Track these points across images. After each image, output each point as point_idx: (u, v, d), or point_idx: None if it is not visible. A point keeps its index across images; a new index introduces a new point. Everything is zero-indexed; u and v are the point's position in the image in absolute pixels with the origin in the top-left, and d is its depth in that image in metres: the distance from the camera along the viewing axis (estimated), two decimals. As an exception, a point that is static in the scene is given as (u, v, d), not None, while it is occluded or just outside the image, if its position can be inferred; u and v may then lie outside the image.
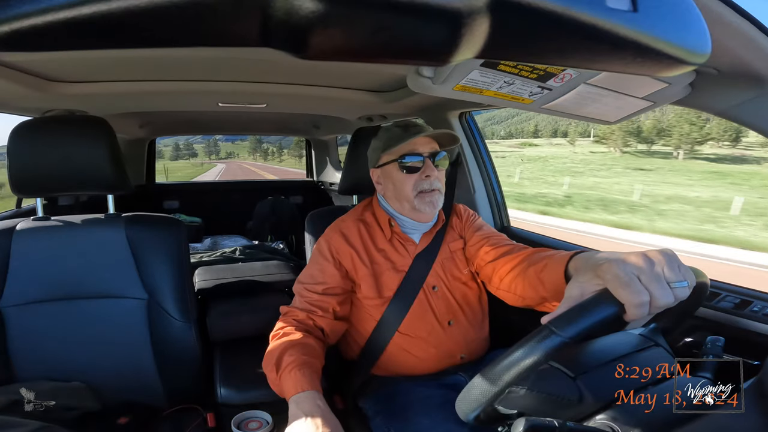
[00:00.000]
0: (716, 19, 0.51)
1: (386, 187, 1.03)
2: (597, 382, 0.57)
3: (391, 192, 1.02)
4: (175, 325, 1.07)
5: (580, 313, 0.51)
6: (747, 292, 0.89)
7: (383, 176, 1.03)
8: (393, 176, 0.99)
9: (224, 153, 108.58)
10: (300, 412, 0.73)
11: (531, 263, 0.85)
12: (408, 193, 0.97)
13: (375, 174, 1.06)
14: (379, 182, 1.06)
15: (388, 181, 1.02)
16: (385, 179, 1.03)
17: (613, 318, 0.52)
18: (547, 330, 0.50)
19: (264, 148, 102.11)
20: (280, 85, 1.34)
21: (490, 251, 1.00)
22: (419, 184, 0.96)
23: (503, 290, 0.94)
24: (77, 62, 1.05)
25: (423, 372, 1.01)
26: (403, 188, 0.97)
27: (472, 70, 0.66)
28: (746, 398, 0.50)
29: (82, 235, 1.04)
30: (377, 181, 1.06)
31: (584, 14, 0.23)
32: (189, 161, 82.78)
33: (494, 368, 0.52)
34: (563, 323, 0.50)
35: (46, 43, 0.20)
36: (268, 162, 77.91)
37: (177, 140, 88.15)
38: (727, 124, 44.93)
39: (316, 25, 0.20)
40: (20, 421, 0.77)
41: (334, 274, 0.99)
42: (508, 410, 0.57)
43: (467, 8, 0.21)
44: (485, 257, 1.01)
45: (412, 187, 0.96)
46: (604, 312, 0.51)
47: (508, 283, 0.92)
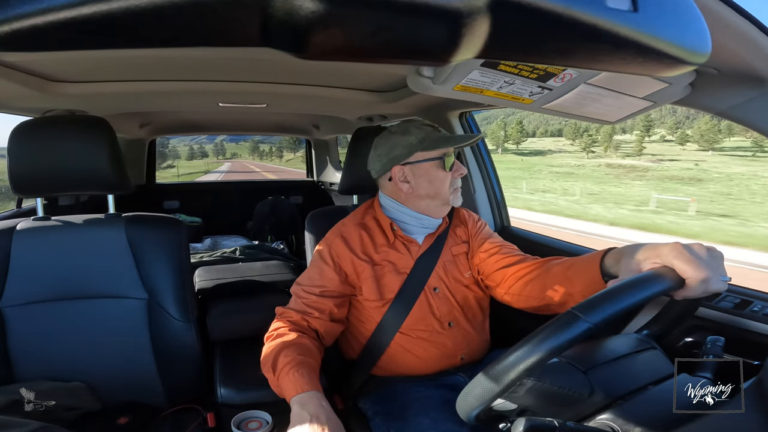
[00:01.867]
0: (716, 19, 0.51)
1: (418, 185, 1.00)
2: (607, 377, 0.57)
3: (425, 190, 1.00)
4: (176, 325, 1.07)
5: (647, 280, 0.57)
6: (747, 292, 0.89)
7: (414, 173, 1.00)
8: (431, 174, 0.99)
9: (229, 153, 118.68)
10: (304, 413, 0.73)
11: (553, 265, 0.90)
12: (446, 190, 1.01)
13: (400, 171, 1.01)
14: (407, 180, 1.01)
15: (422, 179, 0.99)
16: (417, 177, 1.00)
17: (674, 288, 0.59)
18: (620, 287, 0.54)
19: (260, 149, 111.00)
20: (280, 85, 1.34)
21: (504, 258, 1.03)
22: (454, 181, 1.02)
23: (514, 294, 0.97)
24: (77, 62, 1.05)
25: (423, 373, 1.01)
26: (443, 185, 1.00)
27: (473, 70, 0.66)
28: (746, 398, 0.50)
29: (82, 235, 1.04)
30: (404, 179, 1.01)
31: (584, 14, 0.23)
32: (202, 161, 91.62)
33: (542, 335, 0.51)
34: (631, 285, 0.55)
35: (47, 43, 0.20)
36: (264, 161, 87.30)
37: (190, 143, 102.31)
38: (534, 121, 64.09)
39: (317, 25, 0.20)
40: (20, 421, 0.77)
41: (333, 278, 0.99)
42: (512, 406, 0.57)
43: (467, 8, 0.21)
44: (497, 263, 1.03)
45: (450, 184, 1.01)
46: (666, 283, 0.58)
47: (521, 287, 0.95)
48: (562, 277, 0.86)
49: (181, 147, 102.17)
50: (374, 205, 1.09)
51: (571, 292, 0.83)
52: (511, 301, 1.00)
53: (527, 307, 0.95)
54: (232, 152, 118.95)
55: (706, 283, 0.59)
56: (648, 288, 0.56)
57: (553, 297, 0.87)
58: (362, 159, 1.22)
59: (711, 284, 0.59)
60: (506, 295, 1.00)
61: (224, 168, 57.73)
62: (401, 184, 1.01)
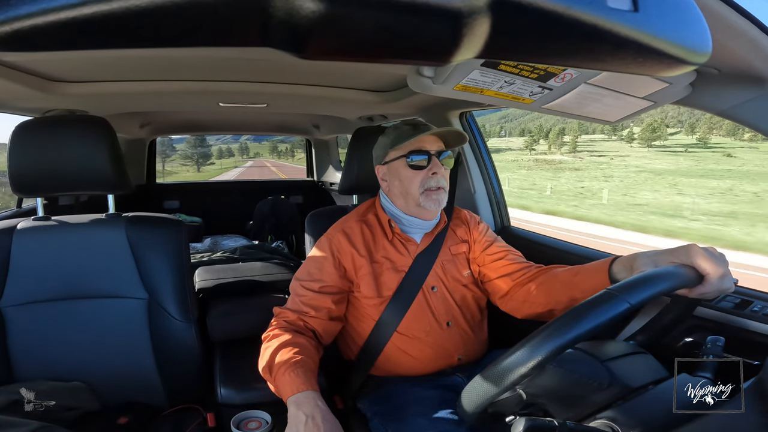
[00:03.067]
0: (717, 19, 0.51)
1: (392, 184, 1.02)
2: (625, 369, 0.58)
3: (397, 189, 1.01)
4: (176, 325, 1.07)
5: (676, 271, 0.61)
6: (747, 292, 0.89)
7: (389, 173, 1.03)
8: (400, 173, 0.99)
9: (252, 153, 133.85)
10: (300, 413, 0.73)
11: (559, 272, 0.92)
12: (414, 190, 0.97)
13: (381, 171, 1.06)
14: (385, 179, 1.05)
15: (394, 178, 1.01)
16: (391, 176, 1.02)
17: (695, 284, 0.63)
18: (655, 273, 0.57)
19: (279, 149, 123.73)
20: (280, 85, 1.34)
21: (509, 264, 1.03)
22: (426, 181, 0.97)
23: (519, 300, 0.98)
24: (78, 62, 1.05)
25: (421, 372, 1.01)
26: (411, 185, 0.97)
27: (473, 69, 0.66)
28: (746, 398, 0.50)
29: (82, 235, 1.04)
30: (383, 178, 1.05)
31: (585, 14, 0.23)
32: (230, 159, 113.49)
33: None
34: (664, 274, 0.58)
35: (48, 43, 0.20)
36: (281, 160, 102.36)
37: (219, 144, 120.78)
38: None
39: (317, 26, 0.20)
40: (20, 421, 0.77)
41: (333, 272, 0.99)
42: (515, 400, 0.57)
43: (468, 8, 0.21)
44: (502, 269, 1.04)
45: (419, 184, 0.97)
46: (691, 277, 0.62)
47: (525, 293, 0.96)
48: (569, 283, 0.87)
49: (217, 145, 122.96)
50: (376, 202, 1.10)
51: (577, 298, 0.83)
52: (513, 308, 1.01)
53: (530, 314, 0.96)
54: (255, 152, 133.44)
55: (723, 280, 0.64)
56: (677, 278, 0.60)
57: (559, 303, 0.88)
58: (362, 159, 1.22)
59: (725, 282, 0.64)
60: (510, 301, 1.01)
61: (248, 164, 77.31)
62: (382, 183, 1.06)
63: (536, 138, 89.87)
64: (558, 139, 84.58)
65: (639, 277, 0.56)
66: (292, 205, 2.89)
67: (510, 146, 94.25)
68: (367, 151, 1.14)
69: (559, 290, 0.89)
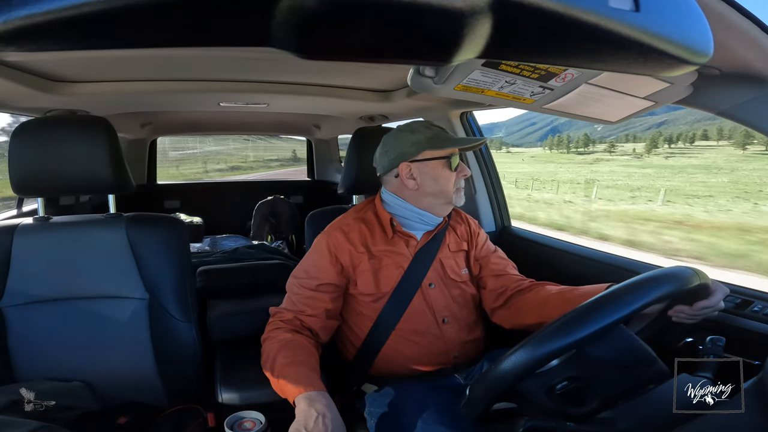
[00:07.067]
0: (718, 19, 0.51)
1: (424, 183, 1.01)
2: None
3: (429, 187, 1.01)
4: (176, 325, 1.06)
5: (685, 272, 0.64)
6: (747, 292, 0.89)
7: (420, 171, 1.01)
8: (437, 172, 1.01)
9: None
10: (312, 410, 0.74)
11: (554, 288, 0.99)
12: (450, 189, 1.02)
13: (406, 168, 1.02)
14: (413, 177, 1.02)
15: (427, 176, 1.01)
16: (423, 175, 1.01)
17: (700, 291, 0.68)
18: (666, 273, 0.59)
19: None
20: (281, 85, 1.34)
21: (504, 276, 1.09)
22: (458, 181, 1.04)
23: (510, 308, 1.04)
24: (79, 62, 1.05)
25: (418, 372, 1.01)
26: (448, 184, 1.02)
27: (474, 70, 0.66)
28: (746, 398, 0.50)
29: (83, 235, 1.04)
30: (410, 175, 1.02)
31: (586, 14, 0.23)
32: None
33: None
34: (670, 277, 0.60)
35: (49, 42, 0.20)
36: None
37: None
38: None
39: (319, 26, 0.20)
40: (20, 421, 0.77)
41: (329, 270, 0.99)
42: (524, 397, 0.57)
43: (469, 8, 0.21)
44: (496, 283, 1.09)
45: (454, 184, 1.03)
46: (703, 281, 0.66)
47: (518, 304, 1.03)
48: (564, 299, 0.93)
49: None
50: (375, 201, 1.10)
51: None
52: (503, 318, 1.06)
53: (519, 324, 1.02)
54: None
55: (724, 292, 0.74)
56: (686, 279, 0.63)
57: (550, 318, 0.87)
58: (362, 159, 1.22)
59: (722, 297, 0.74)
60: (502, 310, 1.06)
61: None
62: (407, 181, 1.02)
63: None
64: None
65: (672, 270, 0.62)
66: (292, 205, 2.88)
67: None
68: (367, 151, 1.14)
69: (552, 305, 0.94)
